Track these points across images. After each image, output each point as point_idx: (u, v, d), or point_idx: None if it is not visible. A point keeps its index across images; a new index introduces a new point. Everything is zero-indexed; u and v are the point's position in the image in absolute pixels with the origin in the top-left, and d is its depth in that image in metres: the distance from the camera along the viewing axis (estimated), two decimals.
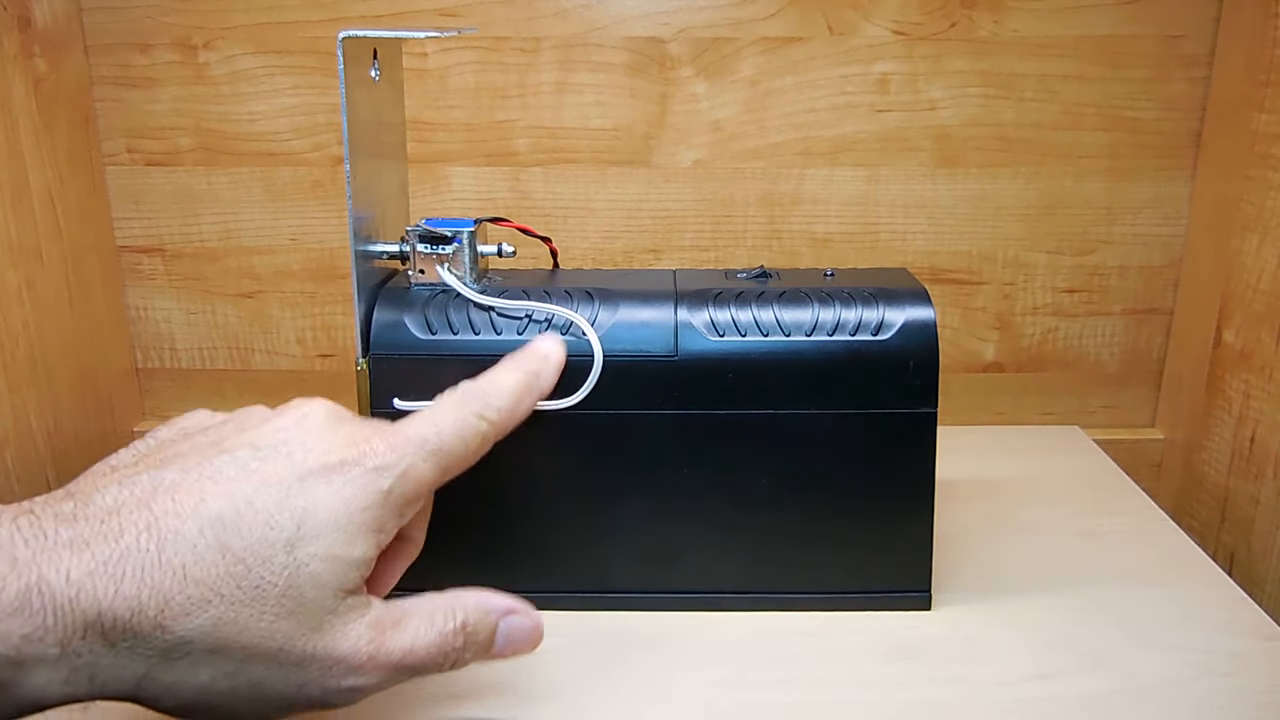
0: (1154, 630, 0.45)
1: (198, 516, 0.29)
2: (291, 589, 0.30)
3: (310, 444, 0.32)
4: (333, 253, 0.65)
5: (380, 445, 0.33)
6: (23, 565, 0.27)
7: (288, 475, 0.31)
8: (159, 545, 0.29)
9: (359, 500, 0.31)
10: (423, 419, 0.34)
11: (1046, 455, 0.63)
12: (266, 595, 0.30)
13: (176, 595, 0.28)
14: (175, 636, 0.28)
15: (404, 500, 0.33)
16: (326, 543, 0.31)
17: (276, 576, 0.30)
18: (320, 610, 0.30)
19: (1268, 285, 0.56)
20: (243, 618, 0.29)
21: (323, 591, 0.30)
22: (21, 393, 0.57)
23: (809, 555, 0.45)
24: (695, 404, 0.44)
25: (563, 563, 0.46)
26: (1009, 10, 0.60)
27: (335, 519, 0.31)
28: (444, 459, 0.34)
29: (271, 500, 0.30)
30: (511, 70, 0.62)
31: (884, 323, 0.44)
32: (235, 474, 0.31)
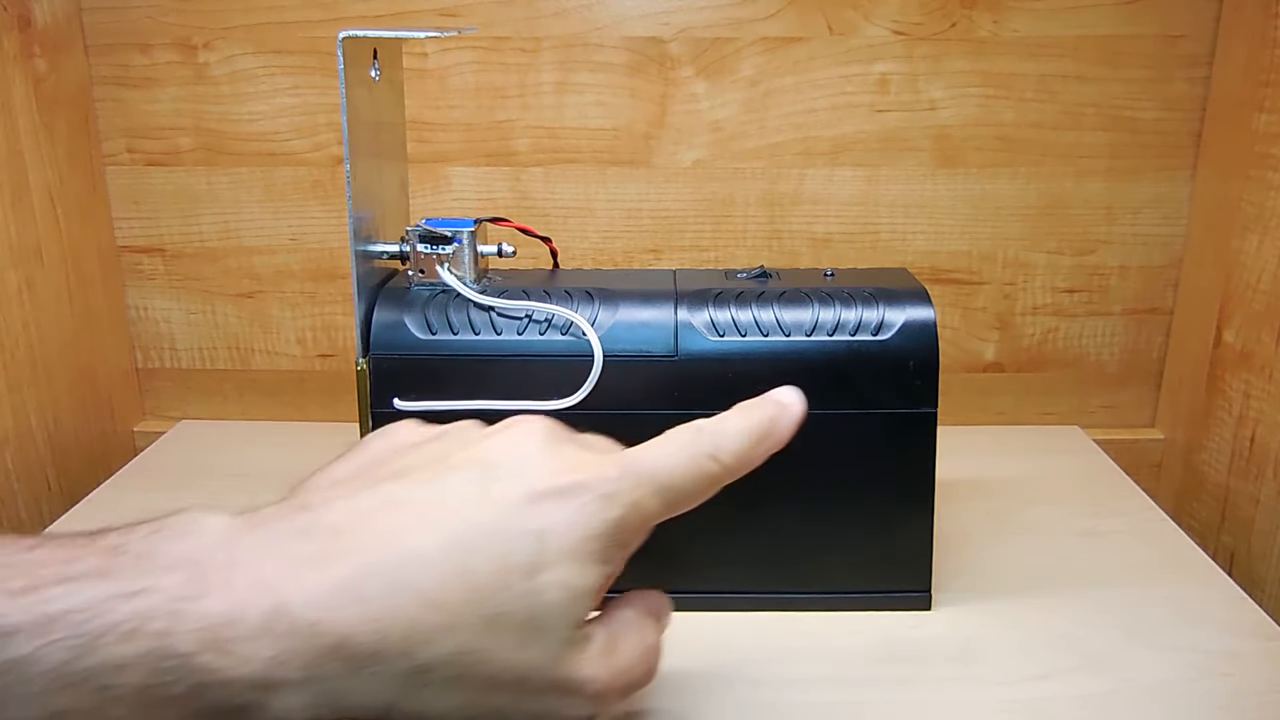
0: (1154, 630, 0.45)
1: (436, 537, 0.28)
2: (532, 618, 0.29)
3: (539, 464, 0.31)
4: (333, 253, 0.65)
5: (613, 472, 0.31)
6: (266, 585, 0.26)
7: (519, 496, 0.30)
8: (399, 565, 0.28)
9: (591, 527, 0.30)
10: (655, 451, 0.33)
11: (1046, 455, 0.63)
12: (508, 623, 0.28)
13: (420, 620, 0.27)
14: (419, 663, 0.27)
15: (631, 532, 0.31)
16: (562, 571, 0.29)
17: (516, 604, 0.28)
18: (559, 640, 0.29)
19: (1268, 285, 0.56)
20: (487, 646, 0.28)
21: (560, 621, 0.29)
22: (21, 393, 0.57)
23: (809, 555, 0.45)
24: (695, 404, 0.44)
25: None
26: (1009, 10, 0.60)
27: (569, 546, 0.29)
28: (672, 496, 0.32)
29: (509, 523, 0.29)
30: (511, 70, 0.62)
31: (884, 323, 0.44)
32: (468, 494, 0.30)
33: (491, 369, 0.44)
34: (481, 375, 0.44)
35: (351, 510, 0.29)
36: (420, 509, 0.29)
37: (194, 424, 0.68)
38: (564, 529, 0.30)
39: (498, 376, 0.44)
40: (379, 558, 0.28)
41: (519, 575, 0.29)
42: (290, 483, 0.33)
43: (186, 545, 0.27)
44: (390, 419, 0.43)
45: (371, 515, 0.29)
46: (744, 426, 0.35)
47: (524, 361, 0.44)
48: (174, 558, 0.26)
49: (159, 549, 0.27)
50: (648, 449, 0.33)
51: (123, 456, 0.65)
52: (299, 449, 0.51)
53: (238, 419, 0.69)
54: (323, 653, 0.26)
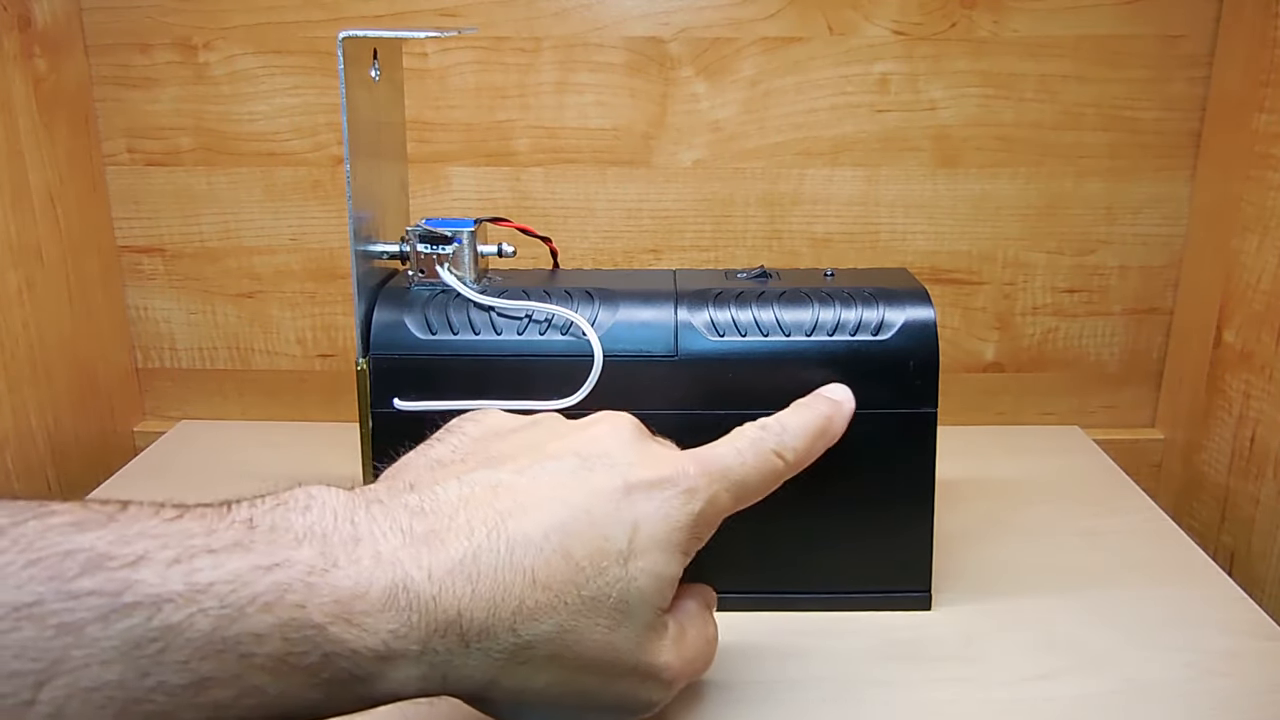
0: (1154, 630, 0.45)
1: (541, 520, 0.30)
2: (623, 602, 0.30)
3: (630, 458, 0.33)
4: (333, 253, 0.65)
5: (693, 469, 0.33)
6: (387, 560, 0.27)
7: (615, 487, 0.31)
8: (509, 546, 0.29)
9: (676, 519, 0.32)
10: (728, 448, 0.35)
11: (1046, 455, 0.63)
12: (602, 606, 0.30)
13: (527, 599, 0.29)
14: (523, 640, 0.29)
15: (707, 526, 0.33)
16: (651, 559, 0.31)
17: (611, 588, 0.30)
18: (643, 625, 0.31)
19: (1268, 285, 0.56)
20: (582, 626, 0.30)
21: (646, 607, 0.31)
22: (21, 393, 0.57)
23: (809, 555, 0.45)
24: (695, 404, 0.44)
25: None
26: (1009, 10, 0.60)
27: (658, 536, 0.31)
28: (742, 491, 0.34)
29: (606, 511, 0.31)
30: (511, 70, 0.62)
31: (884, 323, 0.44)
32: (568, 481, 0.31)
33: (491, 369, 0.44)
34: (481, 375, 0.44)
35: (458, 492, 0.30)
36: (524, 494, 0.31)
37: (194, 424, 0.68)
38: (654, 519, 0.31)
39: (498, 376, 0.44)
40: (489, 538, 0.29)
41: (615, 560, 0.30)
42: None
43: (311, 519, 0.28)
44: (390, 419, 0.44)
45: (478, 497, 0.30)
46: (805, 424, 0.37)
47: (524, 361, 0.44)
48: (302, 531, 0.27)
49: (288, 522, 0.27)
50: (720, 447, 0.35)
51: (123, 456, 0.65)
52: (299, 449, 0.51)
53: (238, 419, 0.69)
54: (439, 627, 0.27)
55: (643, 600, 0.31)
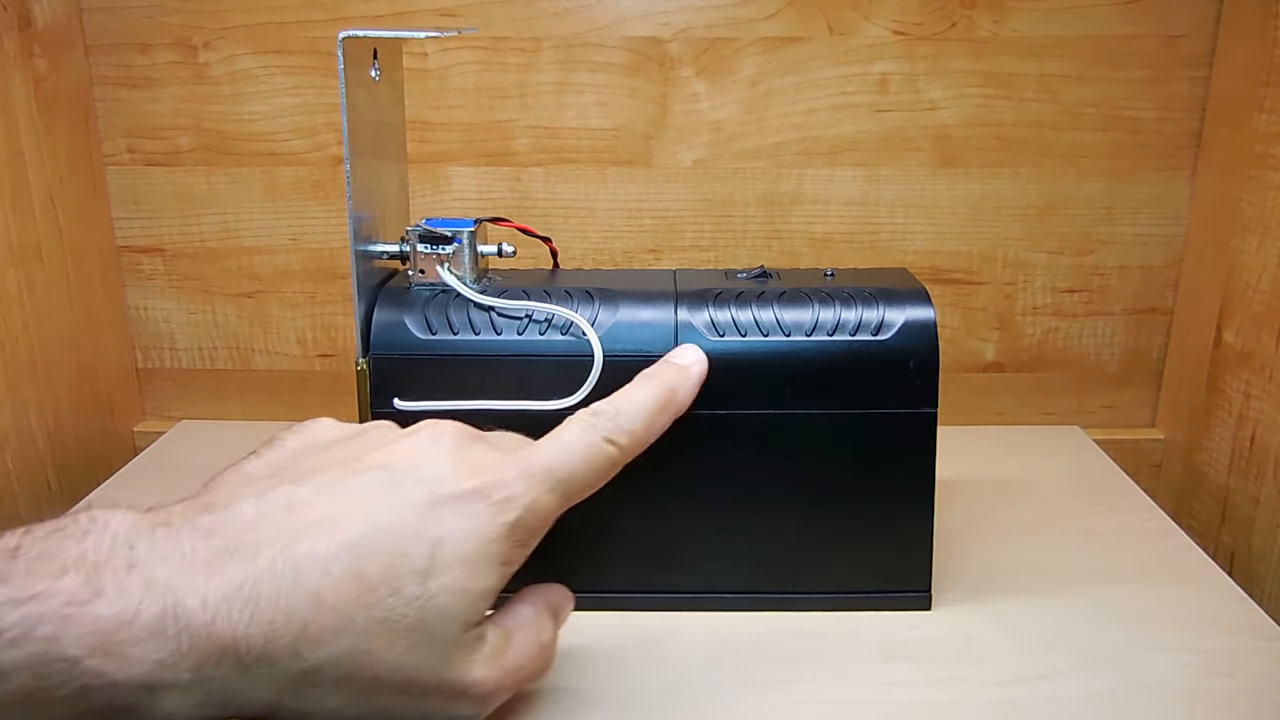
0: (1154, 630, 0.45)
1: (333, 540, 0.29)
2: (421, 621, 0.29)
3: (442, 469, 0.32)
4: (333, 253, 0.65)
5: (509, 474, 0.32)
6: (160, 587, 0.27)
7: (419, 501, 0.31)
8: (295, 568, 0.28)
9: (488, 532, 0.31)
10: (552, 444, 0.34)
11: (1046, 455, 0.63)
12: (397, 626, 0.29)
13: (311, 623, 0.28)
14: (309, 664, 0.28)
15: (529, 533, 0.33)
16: (456, 575, 0.30)
17: (408, 608, 0.29)
18: (449, 643, 0.30)
19: (1268, 285, 0.56)
20: (376, 648, 0.29)
21: (450, 625, 0.30)
22: (21, 393, 0.57)
23: (809, 555, 0.45)
24: (695, 404, 0.44)
25: (562, 562, 0.46)
26: (1009, 10, 0.60)
27: (465, 552, 0.30)
28: (570, 488, 0.34)
29: (406, 527, 0.30)
30: (511, 70, 0.62)
31: (884, 323, 0.44)
32: (370, 496, 0.30)
33: (491, 369, 0.44)
34: (481, 375, 0.44)
35: (255, 510, 0.30)
36: (321, 511, 0.30)
37: (194, 424, 0.68)
38: (461, 533, 0.31)
39: (498, 376, 0.44)
40: (275, 560, 0.28)
41: (412, 580, 0.29)
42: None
43: (86, 546, 0.27)
44: (391, 419, 0.43)
45: (273, 516, 0.29)
46: (642, 402, 0.37)
47: (524, 361, 0.44)
48: (71, 559, 0.27)
49: (57, 550, 0.27)
50: (546, 443, 0.34)
51: (123, 456, 0.65)
52: None
53: (238, 419, 0.69)
54: (213, 654, 0.27)
55: (445, 618, 0.30)
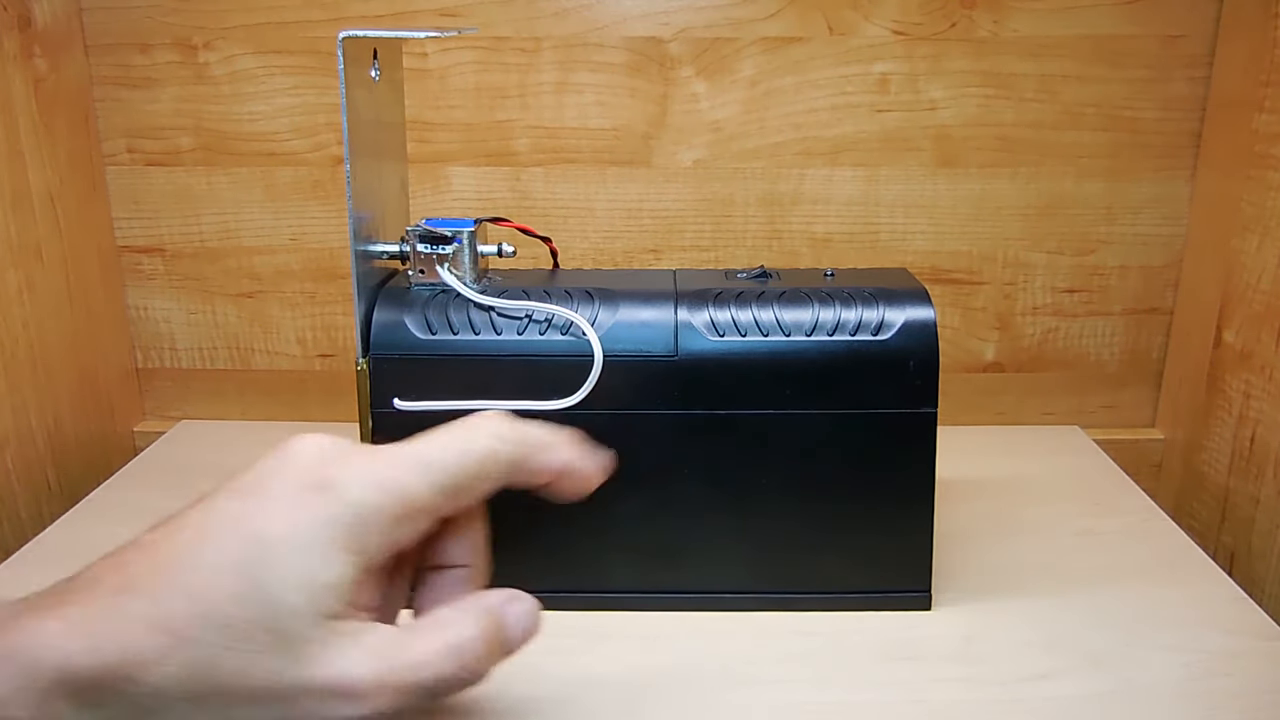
0: (1154, 630, 0.45)
1: (158, 564, 0.28)
2: (267, 623, 0.28)
3: (287, 474, 0.31)
4: (333, 253, 0.65)
5: (357, 462, 0.31)
6: (15, 630, 0.27)
7: (253, 509, 0.30)
8: (128, 598, 0.28)
9: (321, 518, 0.29)
10: (428, 436, 0.32)
11: (1046, 455, 0.63)
12: (236, 631, 0.28)
13: (143, 646, 0.27)
14: (148, 688, 0.27)
15: (383, 516, 0.30)
16: (292, 567, 0.28)
17: (244, 609, 0.28)
18: (300, 640, 0.28)
19: (1268, 285, 0.56)
20: (215, 659, 0.28)
21: (299, 620, 0.28)
22: (21, 393, 0.57)
23: (809, 555, 0.45)
24: (695, 404, 0.44)
25: (563, 563, 0.46)
26: (1009, 10, 0.60)
27: (298, 542, 0.29)
28: (442, 475, 0.31)
29: (229, 531, 0.29)
30: (511, 70, 0.62)
31: (884, 323, 0.44)
32: (202, 518, 0.30)
33: (491, 369, 0.44)
34: (481, 375, 0.44)
35: (111, 557, 0.29)
36: (156, 544, 0.29)
37: (194, 424, 0.68)
38: (291, 527, 0.29)
39: (498, 376, 0.44)
40: (112, 596, 0.28)
41: (244, 581, 0.28)
42: None
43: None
44: (390, 419, 0.44)
45: (120, 557, 0.29)
46: (541, 431, 0.35)
47: (524, 361, 0.44)
48: None
49: None
50: (423, 435, 0.32)
51: (123, 456, 0.64)
52: None
53: (238, 419, 0.69)
54: (47, 689, 0.27)
55: (293, 614, 0.28)
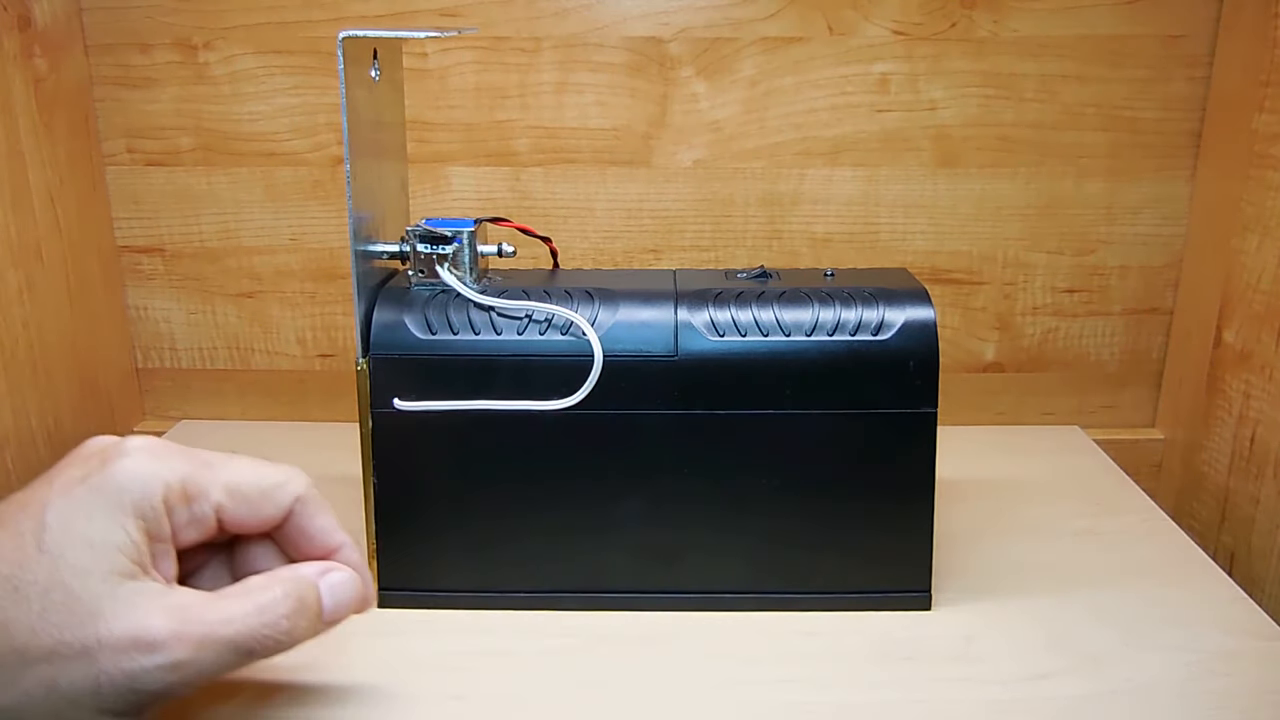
0: (1154, 630, 0.45)
1: None
2: (55, 583, 0.30)
3: (73, 462, 0.33)
4: (333, 253, 0.65)
5: (144, 446, 0.33)
6: None
7: (40, 492, 0.32)
8: None
9: (100, 488, 0.32)
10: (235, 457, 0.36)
11: (1046, 455, 0.63)
12: (30, 595, 0.30)
13: None
14: None
15: (160, 488, 0.33)
16: (74, 531, 0.31)
17: (35, 574, 0.30)
18: (92, 596, 0.30)
19: (1268, 285, 0.56)
20: (7, 622, 0.29)
21: (90, 578, 0.30)
22: (21, 393, 0.57)
23: (809, 555, 0.46)
24: (695, 404, 0.44)
25: (563, 563, 0.46)
26: (1009, 10, 0.60)
27: (79, 510, 0.31)
28: (225, 474, 0.35)
29: (16, 512, 0.31)
30: (511, 70, 0.62)
31: (884, 323, 0.44)
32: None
33: (491, 369, 0.44)
34: (481, 375, 0.44)
35: None
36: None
37: (194, 424, 0.68)
38: (72, 496, 0.32)
39: (498, 376, 0.44)
40: None
41: (31, 547, 0.30)
42: None
43: None
44: (390, 419, 0.44)
45: None
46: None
47: (524, 361, 0.44)
48: None
49: None
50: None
51: None
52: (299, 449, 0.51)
53: (238, 419, 0.69)
54: None
55: (81, 573, 0.30)
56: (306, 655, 0.43)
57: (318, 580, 0.35)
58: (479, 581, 0.46)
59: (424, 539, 0.46)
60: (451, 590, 0.46)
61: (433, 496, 0.45)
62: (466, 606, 0.46)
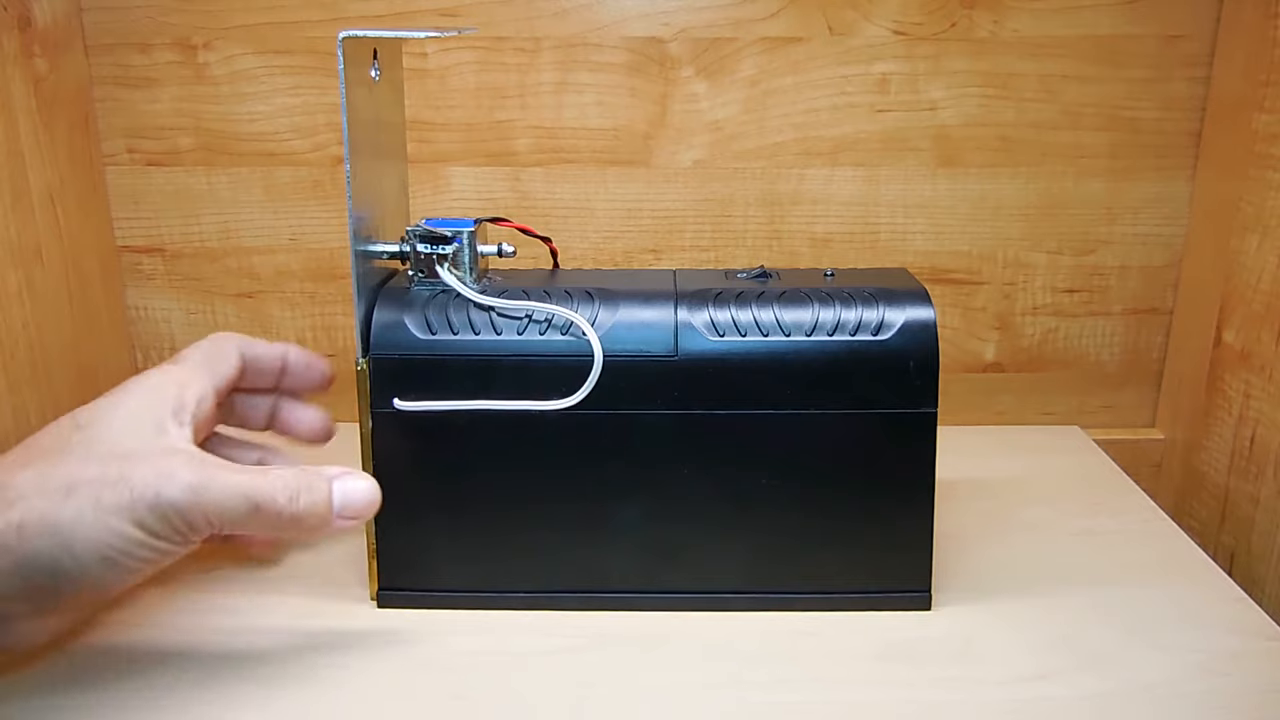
0: (1154, 630, 0.45)
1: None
2: (96, 439, 0.38)
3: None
4: (333, 253, 0.65)
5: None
6: None
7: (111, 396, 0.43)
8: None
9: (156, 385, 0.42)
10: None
11: (1046, 455, 0.63)
12: (74, 450, 0.38)
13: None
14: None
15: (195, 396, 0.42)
16: (114, 410, 0.41)
17: (74, 440, 0.38)
18: (127, 446, 0.38)
19: (1268, 285, 0.56)
20: (59, 462, 0.37)
21: (124, 436, 0.38)
22: (21, 393, 0.57)
23: (809, 554, 0.45)
24: (695, 404, 0.44)
25: (563, 563, 0.46)
26: (1009, 10, 0.60)
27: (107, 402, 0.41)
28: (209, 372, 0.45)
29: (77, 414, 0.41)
30: (511, 70, 0.62)
31: (884, 323, 0.44)
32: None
33: (491, 369, 0.44)
34: (481, 375, 0.44)
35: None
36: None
37: None
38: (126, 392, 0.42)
39: (498, 376, 0.44)
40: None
41: (67, 427, 0.40)
42: None
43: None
44: (390, 419, 0.44)
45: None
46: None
47: (524, 361, 0.44)
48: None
49: None
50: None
51: None
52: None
53: None
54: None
55: (119, 431, 0.39)
56: (307, 655, 0.43)
57: (332, 476, 0.40)
58: (479, 581, 0.46)
59: (423, 539, 0.46)
60: (451, 590, 0.46)
61: (432, 496, 0.45)
62: (466, 606, 0.46)
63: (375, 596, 0.46)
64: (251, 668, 0.42)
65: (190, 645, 0.43)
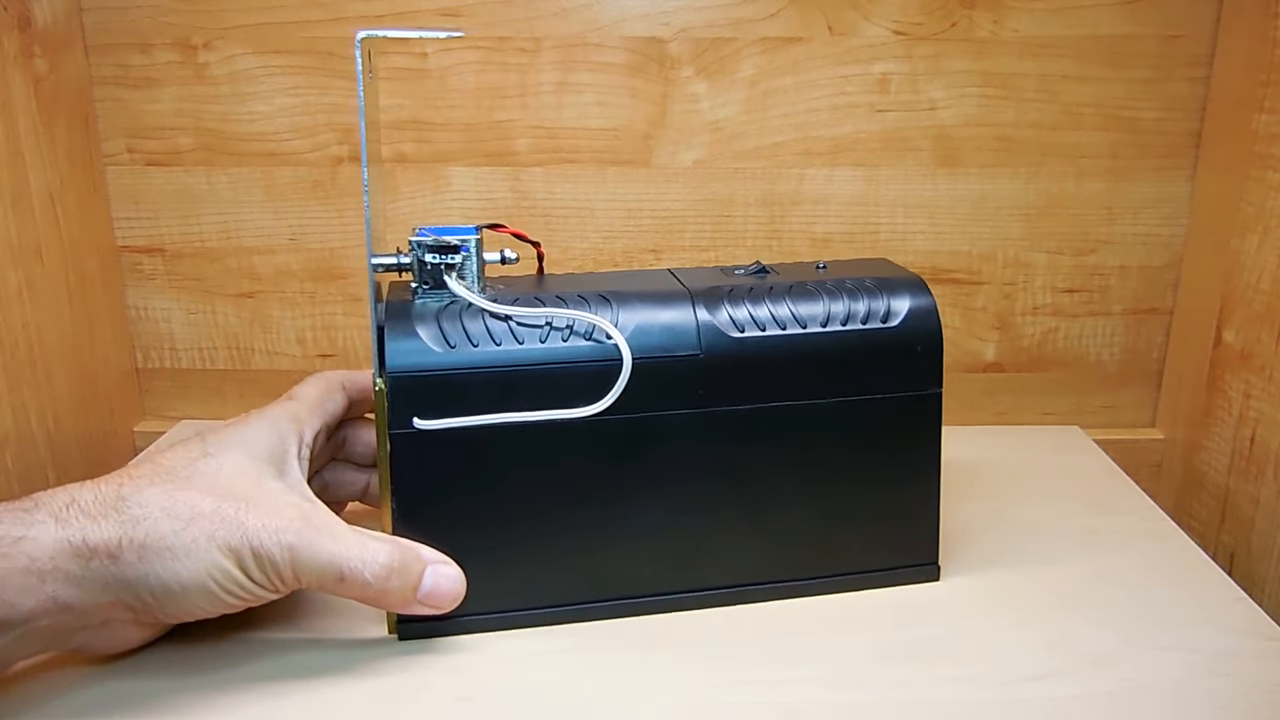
0: (1154, 630, 0.45)
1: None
2: (219, 475, 0.40)
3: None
4: (333, 253, 0.65)
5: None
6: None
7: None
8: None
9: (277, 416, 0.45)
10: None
11: (1046, 455, 0.63)
12: (198, 482, 0.39)
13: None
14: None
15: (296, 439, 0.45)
16: (238, 441, 0.42)
17: (202, 469, 0.40)
18: (244, 491, 0.40)
19: (1268, 285, 0.56)
20: (184, 493, 0.39)
21: (244, 478, 0.40)
22: (21, 393, 0.57)
23: (827, 539, 0.47)
24: (718, 401, 0.44)
25: (591, 573, 0.45)
26: (1009, 10, 0.60)
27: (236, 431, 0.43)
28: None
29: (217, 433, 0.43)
30: (511, 70, 0.62)
31: (890, 310, 0.45)
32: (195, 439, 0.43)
33: (516, 380, 0.42)
34: (506, 387, 0.42)
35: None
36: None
37: (194, 424, 0.68)
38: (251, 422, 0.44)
39: (523, 387, 0.42)
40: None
41: (195, 453, 0.41)
42: None
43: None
44: (410, 439, 0.42)
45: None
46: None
47: (548, 370, 0.42)
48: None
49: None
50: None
51: (123, 456, 0.64)
52: None
53: None
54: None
55: (240, 473, 0.40)
56: (309, 654, 0.43)
57: (428, 561, 0.41)
58: (504, 601, 0.44)
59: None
60: (476, 614, 0.44)
61: (455, 514, 0.43)
62: (496, 629, 0.44)
63: (394, 629, 0.44)
64: (258, 670, 0.42)
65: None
